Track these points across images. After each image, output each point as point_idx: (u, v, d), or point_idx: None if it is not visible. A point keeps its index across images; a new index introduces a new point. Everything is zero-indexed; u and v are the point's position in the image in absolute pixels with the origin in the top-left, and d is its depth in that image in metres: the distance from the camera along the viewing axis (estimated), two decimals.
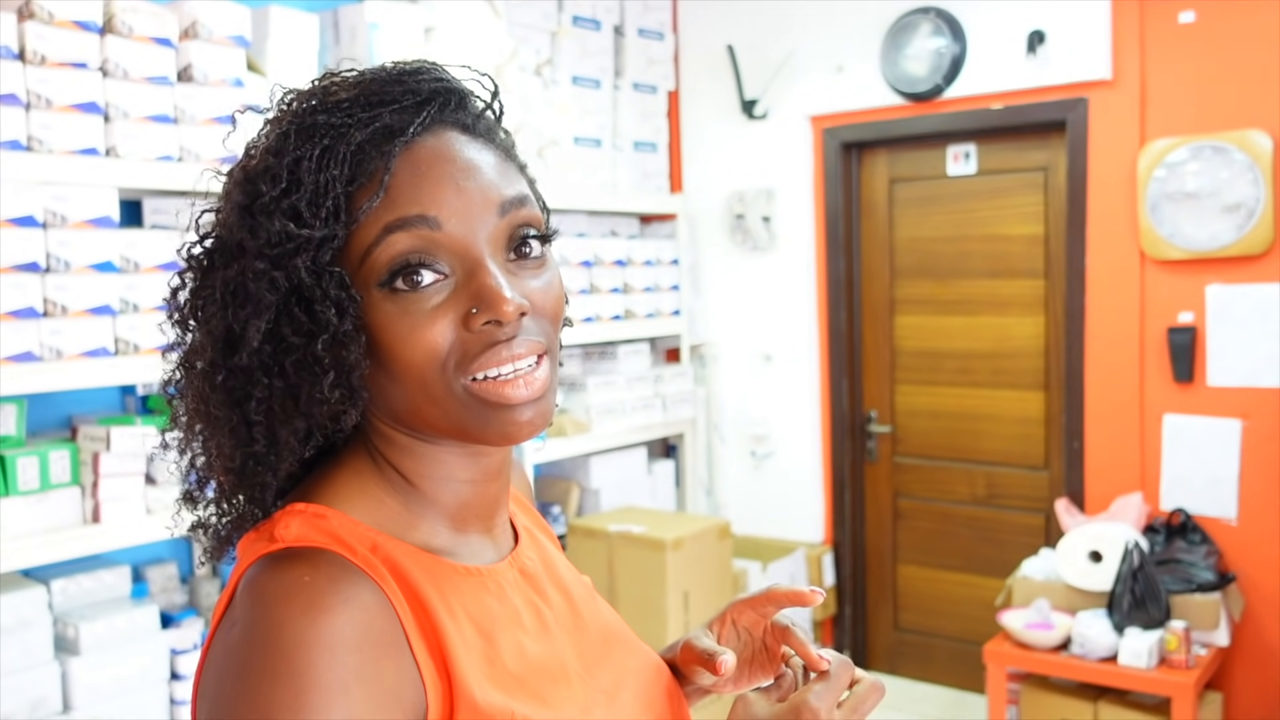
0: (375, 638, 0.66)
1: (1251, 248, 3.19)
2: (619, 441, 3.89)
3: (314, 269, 0.71)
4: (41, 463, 2.20)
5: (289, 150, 0.72)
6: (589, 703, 0.80)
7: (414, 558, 0.74)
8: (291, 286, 0.71)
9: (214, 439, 0.75)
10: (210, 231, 0.76)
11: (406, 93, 0.75)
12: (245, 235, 0.71)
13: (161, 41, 2.42)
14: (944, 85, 3.69)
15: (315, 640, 0.63)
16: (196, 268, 0.76)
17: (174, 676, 2.42)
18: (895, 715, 3.85)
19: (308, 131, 0.73)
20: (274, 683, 0.62)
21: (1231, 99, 3.22)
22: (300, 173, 0.71)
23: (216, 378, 0.73)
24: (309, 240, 0.70)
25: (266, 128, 0.76)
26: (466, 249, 0.73)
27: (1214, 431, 3.30)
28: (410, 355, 0.72)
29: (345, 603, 0.66)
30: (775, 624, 0.89)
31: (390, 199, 0.72)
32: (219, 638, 0.69)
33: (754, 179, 4.20)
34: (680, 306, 4.19)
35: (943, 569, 4.03)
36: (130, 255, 2.34)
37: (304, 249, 0.70)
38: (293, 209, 0.71)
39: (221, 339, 0.73)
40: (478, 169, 0.75)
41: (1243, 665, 3.31)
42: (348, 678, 0.63)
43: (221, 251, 0.74)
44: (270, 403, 0.72)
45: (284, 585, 0.67)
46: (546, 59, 3.78)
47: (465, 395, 0.73)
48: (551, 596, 0.85)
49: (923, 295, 3.97)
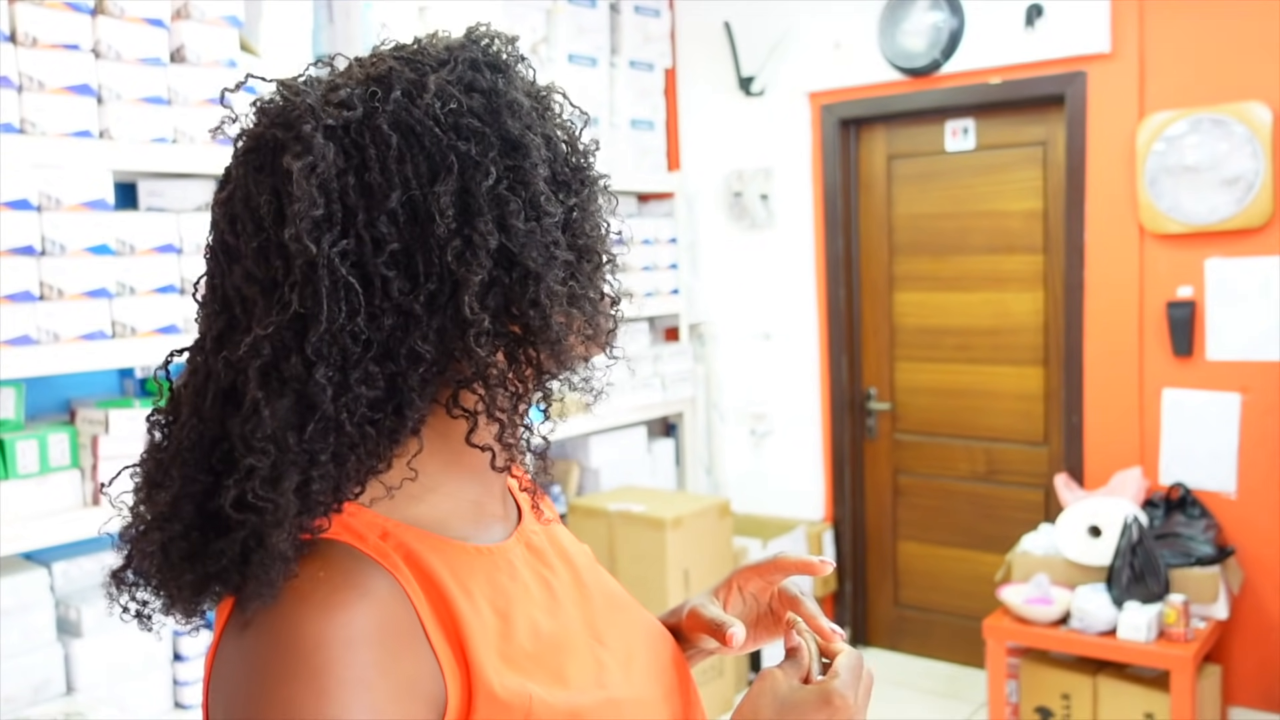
0: (393, 630, 0.65)
1: (1251, 221, 3.18)
2: (619, 421, 3.90)
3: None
4: (41, 446, 2.20)
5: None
6: (601, 672, 0.79)
7: (426, 542, 0.73)
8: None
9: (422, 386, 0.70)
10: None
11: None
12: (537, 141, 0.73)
13: (154, 22, 2.41)
14: (942, 60, 3.67)
15: (334, 637, 0.62)
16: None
17: (177, 658, 2.43)
18: (896, 691, 3.87)
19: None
20: (294, 683, 0.61)
21: (1230, 71, 3.20)
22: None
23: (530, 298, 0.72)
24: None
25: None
26: None
27: (1213, 405, 3.30)
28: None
29: (361, 597, 0.65)
30: (785, 592, 0.89)
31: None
32: (230, 637, 0.67)
33: (752, 156, 4.18)
34: (679, 285, 4.18)
35: (942, 545, 4.04)
36: (125, 238, 2.33)
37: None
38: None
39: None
40: None
41: (1241, 638, 3.32)
42: (369, 673, 0.63)
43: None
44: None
45: (297, 581, 0.65)
46: (542, 37, 3.76)
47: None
48: (557, 568, 0.85)
49: (922, 272, 3.97)
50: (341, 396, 0.66)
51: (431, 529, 0.75)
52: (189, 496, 0.68)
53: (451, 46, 0.75)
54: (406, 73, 0.71)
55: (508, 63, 0.75)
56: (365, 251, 0.67)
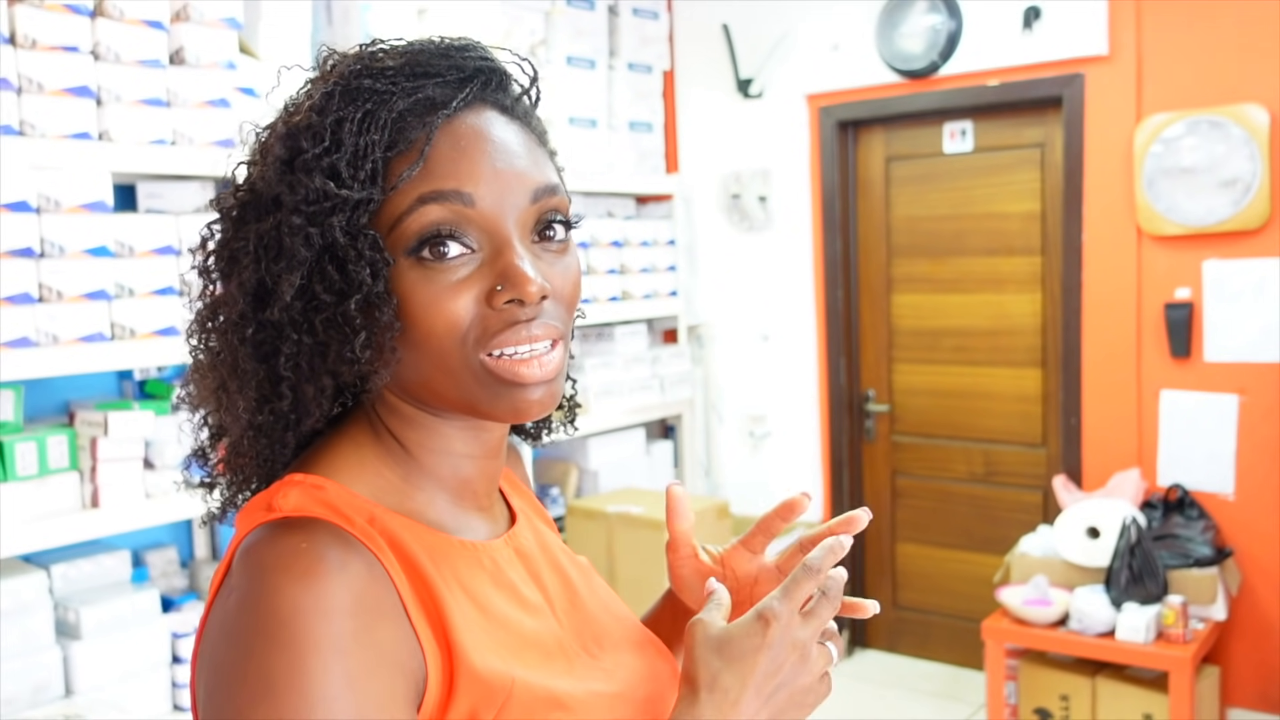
0: (370, 604, 0.67)
1: (1248, 222, 3.19)
2: (617, 423, 3.90)
3: (349, 229, 0.71)
4: (40, 448, 2.20)
5: (332, 110, 0.72)
6: (586, 676, 0.80)
7: (411, 530, 0.75)
8: (325, 245, 0.72)
9: (239, 393, 0.75)
10: (245, 184, 0.76)
11: (452, 68, 0.75)
12: (284, 190, 0.72)
13: (153, 24, 2.41)
14: (940, 62, 3.67)
15: (311, 605, 0.64)
16: (229, 219, 0.76)
17: (175, 660, 2.43)
18: (895, 693, 3.87)
19: (352, 94, 0.73)
20: (271, 647, 0.63)
21: (1228, 73, 3.21)
22: (342, 134, 0.72)
23: (246, 330, 0.73)
24: (346, 200, 0.71)
25: (309, 86, 0.76)
26: (496, 228, 0.74)
27: (1211, 407, 3.31)
28: (430, 325, 0.72)
29: (341, 568, 0.66)
30: (779, 567, 0.93)
31: (427, 170, 0.72)
32: (217, 605, 0.69)
33: (750, 158, 4.19)
34: (677, 287, 4.18)
35: (941, 547, 4.04)
36: (124, 240, 2.33)
37: (340, 209, 0.71)
38: (332, 168, 0.71)
39: (252, 292, 0.73)
40: (514, 151, 0.76)
41: (1240, 639, 3.32)
42: (344, 641, 0.64)
43: (256, 205, 0.74)
44: (299, 359, 0.73)
45: (280, 553, 0.67)
46: (541, 39, 3.76)
47: (480, 370, 0.74)
48: (547, 577, 0.85)
49: (920, 274, 3.97)
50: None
51: (419, 519, 0.77)
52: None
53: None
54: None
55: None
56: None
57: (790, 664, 0.75)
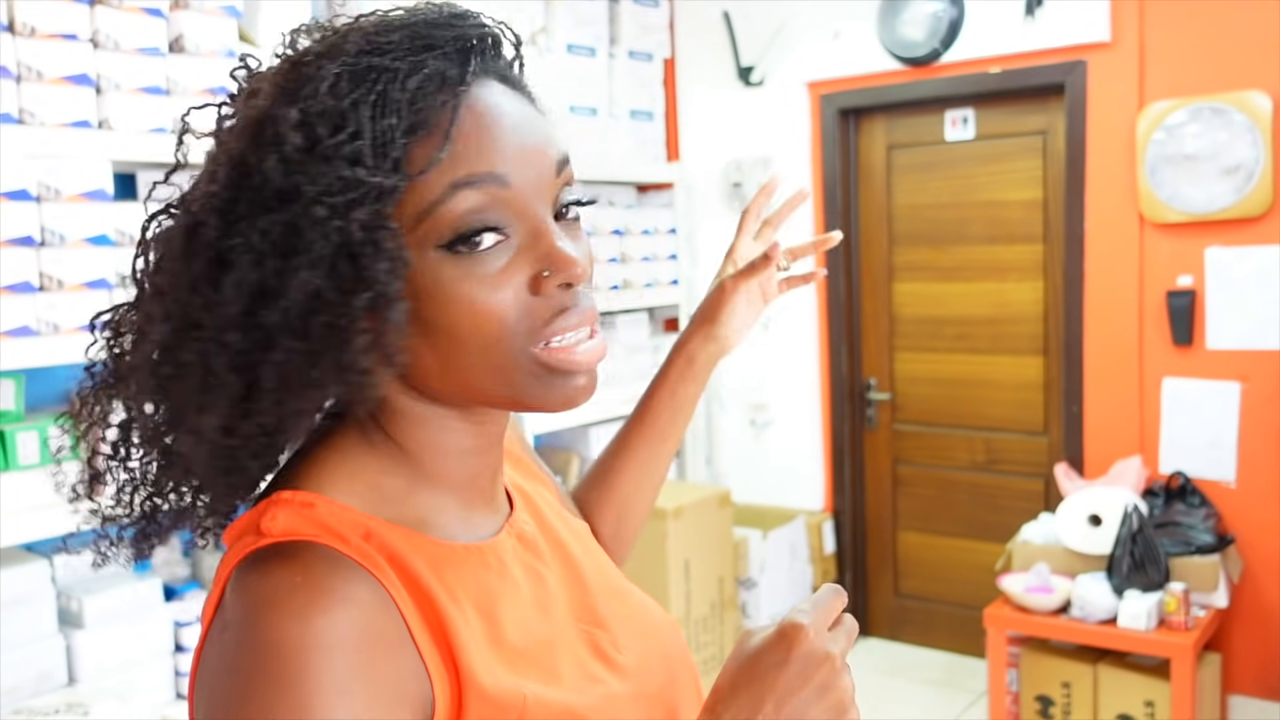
0: (374, 635, 0.64)
1: (1251, 210, 3.18)
2: (618, 412, 3.89)
3: (369, 223, 0.64)
4: (41, 437, 2.20)
5: (344, 94, 0.66)
6: (597, 666, 0.78)
7: (411, 542, 0.71)
8: (343, 240, 0.64)
9: (209, 410, 0.67)
10: (230, 179, 0.68)
11: (451, 38, 0.69)
12: (302, 179, 0.64)
13: (152, 12, 2.40)
14: (941, 49, 3.66)
15: (312, 643, 0.61)
16: (216, 214, 0.68)
17: (178, 649, 2.43)
18: (897, 681, 3.88)
19: (361, 75, 0.66)
20: (271, 690, 0.60)
21: (1231, 60, 3.20)
22: (360, 118, 0.65)
23: (228, 337, 0.65)
24: (374, 190, 0.64)
25: (315, 67, 0.68)
26: (529, 209, 0.69)
27: (1213, 394, 3.31)
28: (475, 322, 0.67)
29: (342, 602, 0.63)
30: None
31: (454, 153, 0.66)
32: (213, 640, 0.66)
33: (751, 146, 4.18)
34: (678, 276, 4.18)
35: (943, 535, 4.04)
36: (125, 228, 2.33)
37: (366, 199, 0.64)
38: (355, 155, 0.64)
39: (250, 294, 0.65)
40: (532, 124, 0.71)
41: (1241, 626, 3.33)
42: (347, 679, 0.61)
43: (257, 198, 0.66)
44: (287, 367, 0.65)
45: (275, 588, 0.64)
46: (540, 27, 3.75)
47: (531, 363, 0.70)
48: (548, 558, 0.83)
49: (921, 262, 3.96)
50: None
51: (417, 528, 0.73)
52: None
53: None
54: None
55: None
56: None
57: (813, 686, 0.68)
